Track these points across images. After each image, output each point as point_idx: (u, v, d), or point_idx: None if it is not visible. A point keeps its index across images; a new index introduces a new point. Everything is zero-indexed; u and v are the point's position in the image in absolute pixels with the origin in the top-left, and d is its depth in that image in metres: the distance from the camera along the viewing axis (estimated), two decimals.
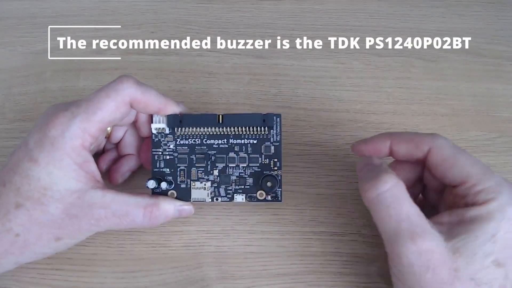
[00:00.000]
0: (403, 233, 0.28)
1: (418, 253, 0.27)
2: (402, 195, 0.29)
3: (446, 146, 0.31)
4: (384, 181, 0.29)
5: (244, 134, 0.35)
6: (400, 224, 0.28)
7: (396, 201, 0.28)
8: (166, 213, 0.33)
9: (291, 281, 0.36)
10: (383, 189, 0.28)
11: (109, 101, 0.31)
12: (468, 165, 0.30)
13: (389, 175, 0.29)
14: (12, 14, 0.47)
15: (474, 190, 0.29)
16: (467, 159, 0.30)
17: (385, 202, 0.28)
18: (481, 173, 0.29)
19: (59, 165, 0.30)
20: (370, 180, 0.29)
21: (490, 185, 0.29)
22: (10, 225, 0.30)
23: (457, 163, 0.30)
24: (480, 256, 0.27)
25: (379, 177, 0.29)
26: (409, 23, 0.47)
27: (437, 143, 0.31)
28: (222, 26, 0.47)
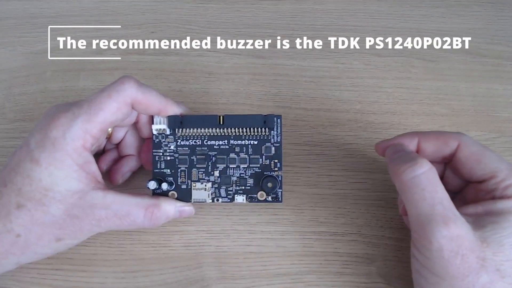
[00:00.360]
0: (436, 217, 0.28)
1: (450, 237, 0.27)
2: (436, 179, 0.29)
3: (473, 142, 0.32)
4: (420, 163, 0.29)
5: (244, 135, 0.35)
6: (434, 207, 0.28)
7: (431, 185, 0.29)
8: (166, 214, 0.33)
9: (291, 281, 0.36)
10: (419, 171, 0.29)
11: (110, 102, 0.31)
12: (496, 160, 0.31)
13: (424, 159, 0.29)
14: (12, 14, 0.47)
15: (503, 185, 0.30)
16: (494, 155, 0.31)
17: (421, 185, 0.29)
18: (509, 168, 0.30)
19: (60, 166, 0.30)
20: (405, 162, 0.29)
21: None
22: (11, 226, 0.30)
23: (485, 158, 0.31)
24: (507, 247, 0.28)
25: (415, 160, 0.29)
26: (409, 23, 0.47)
27: (464, 139, 0.32)
28: (222, 26, 0.47)
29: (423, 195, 0.28)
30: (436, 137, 0.33)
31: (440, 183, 0.29)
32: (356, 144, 0.41)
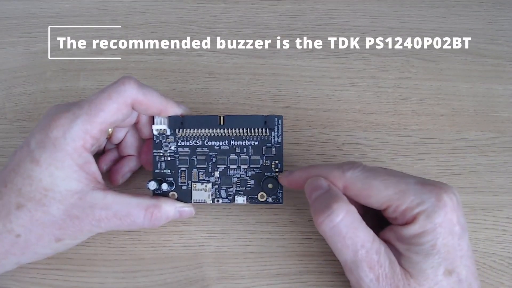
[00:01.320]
0: (360, 263, 0.29)
1: (376, 279, 0.28)
2: (355, 222, 0.29)
3: (356, 177, 0.30)
4: (336, 212, 0.29)
5: (245, 135, 0.35)
6: (357, 253, 0.29)
7: (351, 230, 0.29)
8: (167, 215, 0.33)
9: (291, 281, 0.36)
10: (336, 220, 0.29)
11: (110, 102, 0.31)
12: (382, 189, 0.29)
13: (340, 203, 0.29)
14: (12, 14, 0.47)
15: (399, 211, 0.29)
16: (380, 183, 0.30)
17: (341, 233, 0.29)
18: (397, 192, 0.29)
19: (61, 166, 0.30)
20: (322, 211, 0.29)
21: (410, 201, 0.29)
22: (11, 226, 0.30)
23: (371, 192, 0.30)
24: (429, 272, 0.28)
25: (331, 207, 0.29)
26: (409, 23, 0.47)
27: (347, 177, 0.31)
28: (222, 26, 0.47)
29: (345, 243, 0.29)
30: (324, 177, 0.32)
31: (360, 223, 0.29)
32: (356, 144, 0.41)
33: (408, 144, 0.41)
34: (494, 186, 0.39)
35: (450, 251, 0.28)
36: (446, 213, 0.28)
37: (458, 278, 0.28)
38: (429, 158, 0.40)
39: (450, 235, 0.28)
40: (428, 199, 0.28)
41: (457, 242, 0.28)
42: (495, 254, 0.37)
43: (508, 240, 0.37)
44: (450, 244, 0.28)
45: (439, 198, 0.28)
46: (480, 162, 0.40)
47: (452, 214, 0.28)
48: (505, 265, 0.37)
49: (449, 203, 0.28)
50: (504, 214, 0.38)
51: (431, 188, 0.29)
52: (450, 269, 0.28)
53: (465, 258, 0.29)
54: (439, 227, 0.28)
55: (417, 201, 0.28)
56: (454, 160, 0.40)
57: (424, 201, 0.28)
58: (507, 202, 0.39)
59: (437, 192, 0.29)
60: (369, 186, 0.30)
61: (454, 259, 0.28)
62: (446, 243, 0.28)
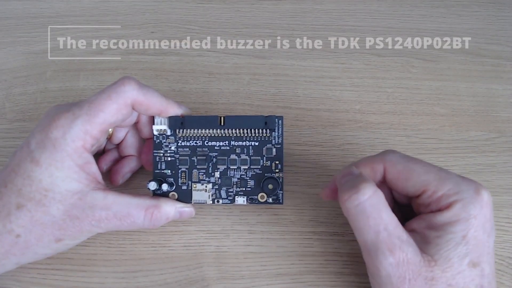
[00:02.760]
0: (381, 245, 0.28)
1: (396, 264, 0.28)
2: (380, 204, 0.29)
3: (397, 160, 0.31)
4: (363, 190, 0.29)
5: (245, 136, 0.35)
6: (379, 235, 0.28)
7: (375, 211, 0.29)
8: (167, 215, 0.33)
9: (291, 281, 0.36)
10: (362, 198, 0.29)
11: (111, 103, 0.31)
12: (422, 173, 0.30)
13: (368, 184, 0.29)
14: (12, 14, 0.47)
15: (435, 197, 0.29)
16: (420, 167, 0.30)
17: (365, 212, 0.29)
18: (437, 178, 0.29)
19: (61, 167, 0.30)
20: (349, 189, 0.29)
21: (448, 188, 0.29)
22: (11, 226, 0.30)
23: (411, 174, 0.30)
24: (455, 260, 0.28)
25: (358, 186, 0.29)
26: (409, 23, 0.47)
27: (388, 159, 0.31)
28: (222, 26, 0.47)
29: (368, 222, 0.29)
30: (365, 165, 0.32)
31: (385, 206, 0.29)
32: (356, 144, 0.41)
33: (408, 144, 0.41)
34: (494, 186, 0.39)
35: (479, 244, 0.28)
36: (482, 207, 0.28)
37: (481, 272, 0.28)
38: (429, 158, 0.40)
39: (481, 229, 0.28)
40: (466, 190, 0.29)
41: (486, 238, 0.29)
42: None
43: (508, 240, 0.37)
44: (480, 238, 0.28)
45: (478, 192, 0.29)
46: (480, 162, 0.40)
47: (487, 210, 0.29)
48: (505, 265, 0.37)
49: (486, 198, 0.29)
50: (504, 214, 0.38)
51: (471, 182, 0.29)
52: (476, 261, 0.28)
53: (491, 256, 0.29)
54: (473, 218, 0.28)
55: (456, 189, 0.29)
56: (454, 160, 0.40)
57: (462, 191, 0.29)
58: (507, 202, 0.39)
59: (476, 186, 0.29)
60: (410, 169, 0.30)
61: (481, 253, 0.28)
62: (476, 236, 0.28)
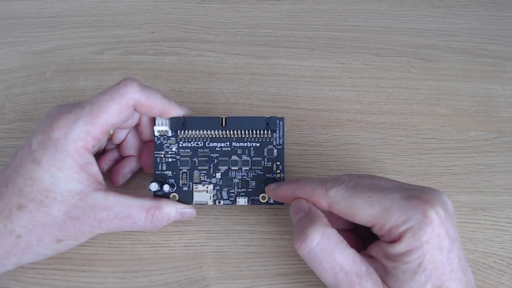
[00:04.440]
0: (341, 285, 0.28)
1: None
2: (331, 245, 0.29)
3: (340, 196, 0.30)
4: (310, 236, 0.28)
5: (247, 137, 0.35)
6: (336, 276, 0.28)
7: (327, 254, 0.28)
8: (168, 216, 0.33)
9: (291, 281, 0.36)
10: (311, 245, 0.28)
11: (112, 104, 0.31)
12: (366, 208, 0.29)
13: (315, 227, 0.29)
14: (12, 14, 0.47)
15: (385, 230, 0.28)
16: (363, 201, 0.29)
17: (317, 258, 0.29)
18: (382, 210, 0.28)
19: (62, 167, 0.30)
20: (299, 236, 0.29)
21: (395, 219, 0.28)
22: (12, 227, 0.30)
23: (355, 211, 0.29)
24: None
25: (305, 232, 0.29)
26: (409, 23, 0.47)
27: (330, 196, 0.30)
28: (222, 26, 0.47)
29: (323, 266, 0.29)
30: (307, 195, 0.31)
31: (337, 246, 0.29)
32: (356, 144, 0.41)
33: (408, 144, 0.41)
34: (494, 186, 0.39)
35: (438, 267, 0.27)
36: (433, 228, 0.27)
37: None
38: (429, 158, 0.40)
39: (438, 250, 0.27)
40: (413, 215, 0.28)
41: (446, 256, 0.28)
42: (495, 254, 0.37)
43: (508, 240, 0.37)
44: (438, 259, 0.27)
45: (425, 214, 0.27)
46: (480, 162, 0.40)
47: (440, 229, 0.28)
48: (504, 265, 0.37)
49: (436, 218, 0.28)
50: (504, 214, 0.38)
51: (417, 203, 0.28)
52: (438, 285, 0.27)
53: (455, 271, 0.28)
54: (425, 244, 0.27)
55: (403, 218, 0.28)
56: (454, 160, 0.40)
57: (409, 218, 0.28)
58: (507, 202, 0.39)
59: (423, 208, 0.28)
60: (353, 205, 0.29)
61: (442, 274, 0.27)
62: (433, 259, 0.27)
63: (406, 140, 0.41)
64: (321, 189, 0.30)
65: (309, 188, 0.31)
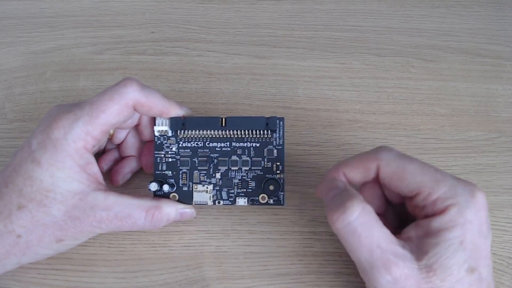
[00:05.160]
0: (376, 262, 0.28)
1: (394, 280, 0.27)
2: (370, 221, 0.28)
3: (392, 158, 0.30)
4: (350, 209, 0.28)
5: (246, 137, 0.35)
6: (373, 253, 0.28)
7: (366, 229, 0.28)
8: (168, 216, 0.33)
9: (291, 281, 0.36)
10: (351, 218, 0.28)
11: (112, 104, 0.31)
12: (417, 174, 0.29)
13: (355, 201, 0.28)
14: (12, 14, 0.47)
15: (430, 200, 0.29)
16: (415, 168, 0.29)
17: (355, 232, 0.28)
18: (432, 180, 0.29)
19: (62, 167, 0.30)
20: (337, 209, 0.28)
21: (444, 191, 0.28)
22: (12, 227, 0.30)
23: (405, 175, 0.29)
24: (454, 268, 0.27)
25: (345, 205, 0.28)
26: (409, 23, 0.47)
27: (382, 158, 0.30)
28: (222, 26, 0.47)
29: (360, 241, 0.28)
30: (357, 165, 0.31)
31: (376, 222, 0.28)
32: (356, 144, 0.41)
33: (408, 144, 0.41)
34: (494, 186, 0.39)
35: (476, 249, 0.28)
36: (478, 210, 0.28)
37: (479, 277, 0.28)
38: (429, 158, 0.40)
39: (478, 233, 0.28)
40: (462, 193, 0.28)
41: (483, 241, 0.28)
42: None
43: (508, 240, 0.37)
44: (477, 242, 0.28)
45: (473, 195, 0.28)
46: (480, 162, 0.40)
47: (483, 213, 0.28)
48: (505, 265, 0.37)
49: (482, 201, 0.28)
50: (504, 214, 0.38)
51: (466, 184, 0.29)
52: (473, 266, 0.28)
53: (487, 258, 0.29)
54: (469, 223, 0.28)
55: (451, 193, 0.28)
56: (454, 160, 0.40)
57: (457, 194, 0.28)
58: (507, 202, 0.39)
59: (471, 189, 0.29)
60: (404, 169, 0.29)
61: (478, 257, 0.28)
62: (473, 240, 0.28)
63: (406, 140, 0.41)
64: (373, 152, 0.31)
65: (357, 156, 0.32)
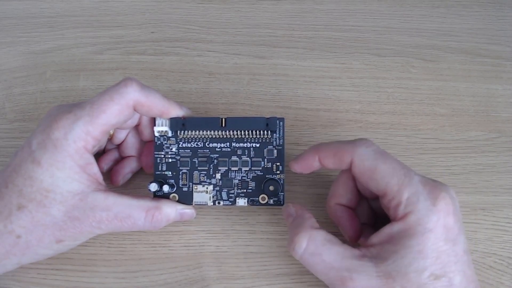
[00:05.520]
0: (334, 282, 0.29)
1: None
2: (318, 248, 0.29)
3: (367, 155, 0.30)
4: (298, 244, 0.30)
5: (246, 137, 0.35)
6: (328, 275, 0.29)
7: (316, 257, 0.29)
8: (167, 217, 0.33)
9: (291, 281, 0.36)
10: (300, 251, 0.30)
11: (112, 104, 0.31)
12: (386, 175, 0.29)
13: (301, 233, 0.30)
14: (12, 14, 0.47)
15: (393, 204, 0.29)
16: (387, 169, 0.29)
17: (308, 262, 0.30)
18: (399, 184, 0.29)
19: (62, 167, 0.30)
20: (289, 243, 0.30)
21: (406, 197, 0.28)
22: (12, 227, 0.30)
23: (376, 174, 0.29)
24: (413, 275, 0.27)
25: (293, 240, 0.30)
26: (409, 23, 0.47)
27: (358, 153, 0.30)
28: (222, 26, 0.47)
29: (315, 268, 0.30)
30: (333, 152, 0.31)
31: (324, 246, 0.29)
32: None
33: (408, 144, 0.41)
34: (494, 186, 0.39)
35: (441, 257, 0.27)
36: (439, 218, 0.28)
37: (448, 283, 0.27)
38: (429, 158, 0.40)
39: (442, 241, 0.28)
40: (423, 200, 0.28)
41: (451, 248, 0.28)
42: (495, 254, 0.37)
43: (507, 240, 0.37)
44: (442, 249, 0.28)
45: (435, 203, 0.28)
46: (480, 162, 0.40)
47: (447, 220, 0.28)
48: (504, 265, 0.37)
49: (444, 208, 0.28)
50: (504, 214, 0.38)
51: (430, 190, 0.28)
52: (439, 273, 0.27)
53: (461, 264, 0.28)
54: (429, 232, 0.27)
55: (413, 199, 0.28)
56: (454, 160, 0.40)
57: (419, 202, 0.28)
58: (507, 202, 0.39)
59: (434, 196, 0.28)
60: (376, 169, 0.29)
61: (446, 264, 0.28)
62: (436, 248, 0.27)
63: (406, 140, 0.41)
64: (350, 145, 0.31)
65: (336, 144, 0.32)
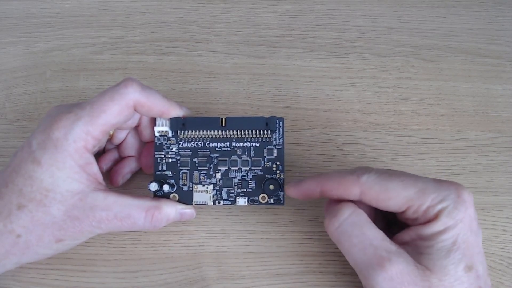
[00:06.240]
0: (370, 261, 0.28)
1: (389, 278, 0.27)
2: (361, 221, 0.29)
3: (373, 181, 0.30)
4: (341, 211, 0.29)
5: (246, 137, 0.35)
6: (365, 251, 0.28)
7: (357, 229, 0.29)
8: (167, 217, 0.33)
9: (291, 281, 0.36)
10: (341, 219, 0.29)
11: (113, 104, 0.31)
12: (401, 190, 0.29)
13: (345, 204, 0.30)
14: (12, 14, 0.47)
15: (421, 211, 0.29)
16: (397, 184, 0.29)
17: (347, 232, 0.29)
18: (417, 191, 0.29)
19: (62, 167, 0.30)
20: (330, 213, 0.30)
21: (432, 199, 0.29)
22: (12, 226, 0.30)
23: (390, 194, 0.29)
24: (451, 268, 0.28)
25: (336, 209, 0.30)
26: (409, 23, 0.47)
27: (363, 182, 0.30)
28: (222, 26, 0.47)
29: (352, 241, 0.29)
30: (336, 185, 0.31)
31: (367, 223, 0.29)
32: (356, 144, 0.41)
33: (408, 144, 0.41)
34: (494, 186, 0.39)
35: (469, 247, 0.28)
36: (466, 208, 0.28)
37: (476, 274, 0.28)
38: (429, 158, 0.40)
39: (469, 230, 0.28)
40: (448, 195, 0.28)
41: (475, 238, 0.29)
42: (495, 254, 0.37)
43: (507, 240, 0.37)
44: (469, 240, 0.28)
45: (459, 194, 0.29)
46: (480, 162, 0.40)
47: (471, 210, 0.29)
48: (505, 265, 0.37)
49: (468, 198, 0.29)
50: (504, 214, 0.38)
51: (449, 185, 0.29)
52: (470, 265, 0.28)
53: (481, 255, 0.29)
54: (460, 223, 0.28)
55: (439, 198, 0.28)
56: (454, 160, 0.40)
57: (445, 198, 0.28)
58: (507, 202, 0.39)
59: (456, 188, 0.29)
60: (387, 188, 0.29)
61: (472, 255, 0.28)
62: (466, 239, 0.28)
63: (406, 140, 0.41)
64: (352, 176, 0.30)
65: (337, 177, 0.31)
